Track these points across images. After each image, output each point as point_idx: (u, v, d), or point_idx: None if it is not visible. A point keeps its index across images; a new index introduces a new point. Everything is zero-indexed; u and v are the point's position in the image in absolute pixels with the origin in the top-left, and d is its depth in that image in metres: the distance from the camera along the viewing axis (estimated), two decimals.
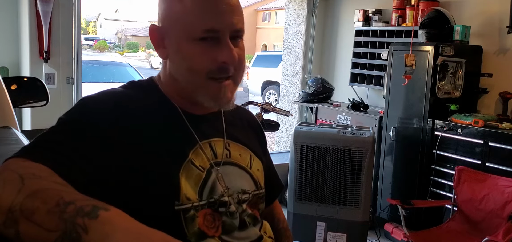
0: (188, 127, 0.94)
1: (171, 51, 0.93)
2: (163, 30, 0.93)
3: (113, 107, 0.88)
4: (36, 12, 3.36)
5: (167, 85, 0.97)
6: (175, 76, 0.94)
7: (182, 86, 0.93)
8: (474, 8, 3.51)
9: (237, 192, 0.97)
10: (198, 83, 0.91)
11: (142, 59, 28.83)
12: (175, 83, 0.95)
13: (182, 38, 0.90)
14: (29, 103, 2.47)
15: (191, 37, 0.89)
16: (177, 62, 0.92)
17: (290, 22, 5.05)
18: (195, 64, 0.90)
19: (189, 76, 0.91)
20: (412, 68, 3.17)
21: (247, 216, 0.97)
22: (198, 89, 0.92)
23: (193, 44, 0.89)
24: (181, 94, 0.95)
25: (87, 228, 0.63)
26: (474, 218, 2.78)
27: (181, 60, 0.91)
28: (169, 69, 0.95)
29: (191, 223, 0.87)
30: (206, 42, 0.89)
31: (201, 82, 0.90)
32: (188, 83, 0.92)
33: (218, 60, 0.89)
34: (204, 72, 0.90)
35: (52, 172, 0.73)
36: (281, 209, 1.24)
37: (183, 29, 0.90)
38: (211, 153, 0.96)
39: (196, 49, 0.89)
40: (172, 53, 0.93)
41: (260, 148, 1.11)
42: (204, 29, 0.88)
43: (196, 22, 0.88)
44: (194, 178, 0.90)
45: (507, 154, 2.75)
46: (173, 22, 0.91)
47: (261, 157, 1.08)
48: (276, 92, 10.64)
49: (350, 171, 2.85)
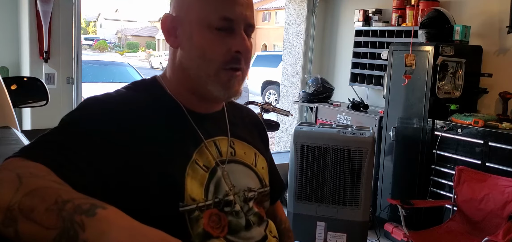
0: (193, 125, 0.94)
1: (184, 39, 0.93)
2: (177, 19, 0.94)
3: (116, 108, 0.88)
4: (36, 12, 3.36)
5: (173, 82, 0.97)
6: (186, 66, 0.94)
7: (192, 76, 0.93)
8: (474, 8, 3.51)
9: (243, 190, 0.97)
10: (210, 72, 0.91)
11: (142, 59, 28.85)
12: (184, 76, 0.95)
13: (197, 26, 0.91)
14: (29, 103, 2.47)
15: (207, 25, 0.90)
16: (190, 50, 0.93)
17: (290, 22, 5.05)
18: (209, 52, 0.90)
19: (202, 64, 0.91)
20: (412, 68, 3.17)
21: (253, 215, 0.97)
22: (209, 77, 0.92)
23: (209, 32, 0.90)
24: (188, 88, 0.95)
25: (84, 226, 0.63)
26: (474, 218, 2.78)
27: (195, 48, 0.92)
28: (180, 59, 0.95)
29: (196, 224, 0.87)
30: (221, 32, 0.90)
31: (214, 71, 0.91)
32: (200, 71, 0.92)
33: (233, 49, 0.91)
34: (218, 61, 0.91)
35: (50, 171, 0.73)
36: (282, 209, 1.24)
37: (199, 16, 0.91)
38: (216, 151, 0.96)
39: (211, 38, 0.90)
40: (185, 41, 0.93)
41: (263, 146, 1.12)
42: (221, 17, 0.89)
43: (214, 10, 0.90)
44: (199, 178, 0.90)
45: (507, 154, 2.75)
46: (189, 9, 0.92)
47: (264, 155, 1.09)
48: (276, 92, 10.64)
49: (350, 171, 2.85)
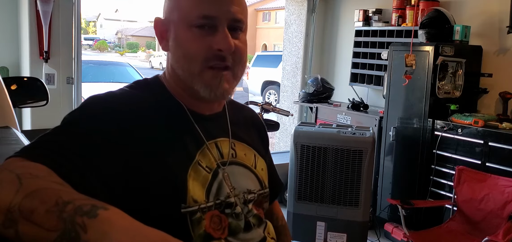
0: (195, 126, 0.94)
1: (171, 41, 0.93)
2: (166, 22, 0.94)
3: (117, 108, 0.87)
4: (36, 12, 3.36)
5: (171, 82, 0.97)
6: (175, 67, 0.94)
7: (181, 77, 0.93)
8: (474, 8, 3.51)
9: (243, 192, 0.97)
10: (194, 71, 0.90)
11: (142, 59, 28.82)
12: (176, 77, 0.95)
13: (179, 26, 0.91)
14: (29, 103, 2.47)
15: (187, 24, 0.89)
16: (175, 50, 0.93)
17: (290, 22, 5.05)
18: (190, 50, 0.90)
19: (185, 64, 0.91)
20: (413, 68, 3.17)
21: (252, 217, 0.97)
22: (194, 77, 0.91)
23: (190, 31, 0.89)
24: (183, 89, 0.95)
25: (86, 227, 0.63)
26: (474, 218, 2.78)
27: (178, 48, 0.92)
28: (170, 61, 0.95)
29: (197, 226, 0.86)
30: (203, 29, 0.89)
31: (197, 69, 0.90)
32: (184, 71, 0.92)
33: (214, 47, 0.89)
34: (200, 59, 0.89)
35: (50, 171, 0.72)
36: (279, 207, 1.24)
37: (180, 16, 0.91)
38: (218, 153, 0.96)
39: (192, 36, 0.89)
40: (171, 42, 0.93)
41: (262, 147, 1.12)
42: (200, 15, 0.88)
43: (193, 9, 0.89)
44: (201, 179, 0.89)
45: (507, 154, 2.75)
46: (173, 10, 0.92)
47: (264, 156, 1.09)
48: (276, 92, 10.63)
49: (350, 171, 2.85)
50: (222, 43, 0.89)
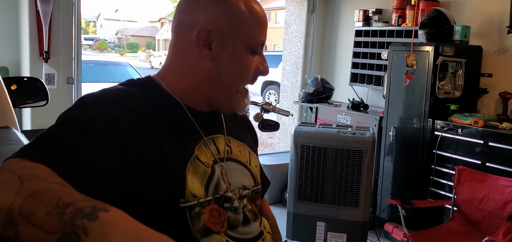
0: (193, 122, 0.95)
1: (223, 53, 0.94)
2: (216, 33, 0.93)
3: (115, 105, 0.87)
4: (36, 12, 3.36)
5: (177, 82, 0.97)
6: (220, 77, 0.95)
7: (219, 88, 0.96)
8: (474, 8, 3.51)
9: (238, 188, 0.99)
10: (238, 89, 0.97)
11: (142, 59, 28.81)
12: (207, 83, 0.96)
13: (242, 45, 0.95)
14: (29, 103, 2.47)
15: (247, 46, 0.95)
16: (231, 66, 0.95)
17: (290, 22, 5.05)
18: (247, 72, 0.97)
19: (237, 81, 0.97)
20: (413, 68, 3.17)
21: (248, 211, 0.99)
22: (233, 93, 0.97)
23: (248, 53, 0.96)
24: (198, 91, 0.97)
25: (87, 230, 0.63)
26: (474, 218, 2.78)
27: (236, 66, 0.95)
28: (210, 69, 0.94)
29: (197, 220, 0.87)
30: (255, 54, 0.97)
31: (241, 88, 0.98)
32: (233, 86, 0.97)
33: (261, 70, 0.99)
34: (249, 81, 0.98)
35: (51, 172, 0.72)
36: (268, 205, 1.26)
37: (244, 37, 0.95)
38: (215, 148, 0.97)
39: (249, 59, 0.96)
40: (225, 56, 0.94)
41: (254, 145, 1.15)
42: (260, 43, 0.97)
43: (256, 35, 0.96)
44: (200, 174, 0.90)
45: (507, 154, 2.75)
46: (236, 27, 0.94)
47: (257, 154, 1.12)
48: (276, 92, 10.63)
49: (350, 171, 2.85)
50: (266, 67, 0.99)
